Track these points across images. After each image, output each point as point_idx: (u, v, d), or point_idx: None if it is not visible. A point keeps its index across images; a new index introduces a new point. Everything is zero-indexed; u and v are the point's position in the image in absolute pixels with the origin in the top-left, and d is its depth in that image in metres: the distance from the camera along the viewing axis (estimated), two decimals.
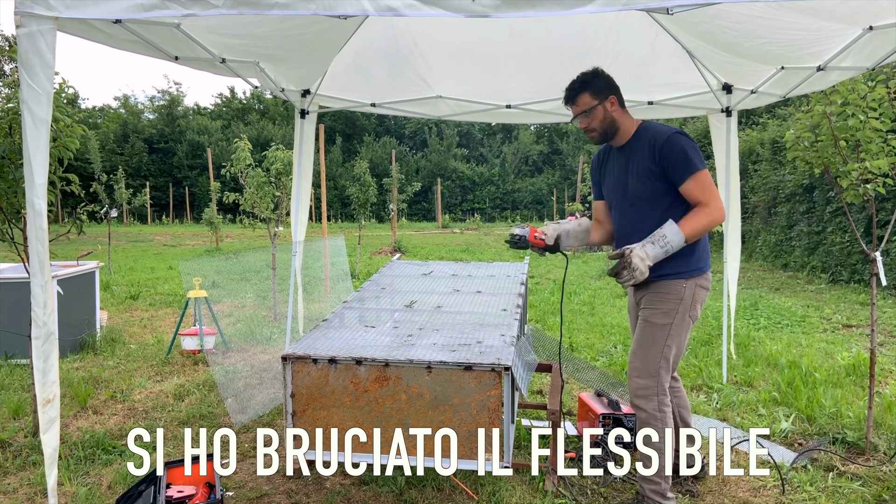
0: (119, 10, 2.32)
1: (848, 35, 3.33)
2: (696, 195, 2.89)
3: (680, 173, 2.89)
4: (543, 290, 10.35)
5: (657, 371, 3.02)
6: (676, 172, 2.90)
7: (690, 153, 2.89)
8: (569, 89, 3.15)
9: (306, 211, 5.23)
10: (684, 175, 2.88)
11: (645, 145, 3.00)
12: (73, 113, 4.15)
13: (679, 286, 2.98)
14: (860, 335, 6.97)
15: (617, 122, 3.11)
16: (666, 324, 3.01)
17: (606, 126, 3.11)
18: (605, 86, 3.09)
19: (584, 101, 3.10)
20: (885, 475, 3.52)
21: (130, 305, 9.05)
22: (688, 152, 2.89)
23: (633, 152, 3.06)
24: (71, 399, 4.74)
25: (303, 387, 2.83)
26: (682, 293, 2.99)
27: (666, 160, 2.91)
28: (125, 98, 49.96)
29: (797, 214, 12.80)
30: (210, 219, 18.22)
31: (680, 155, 2.89)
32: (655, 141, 2.95)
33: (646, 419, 3.04)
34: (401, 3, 2.18)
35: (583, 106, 3.11)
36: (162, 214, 39.00)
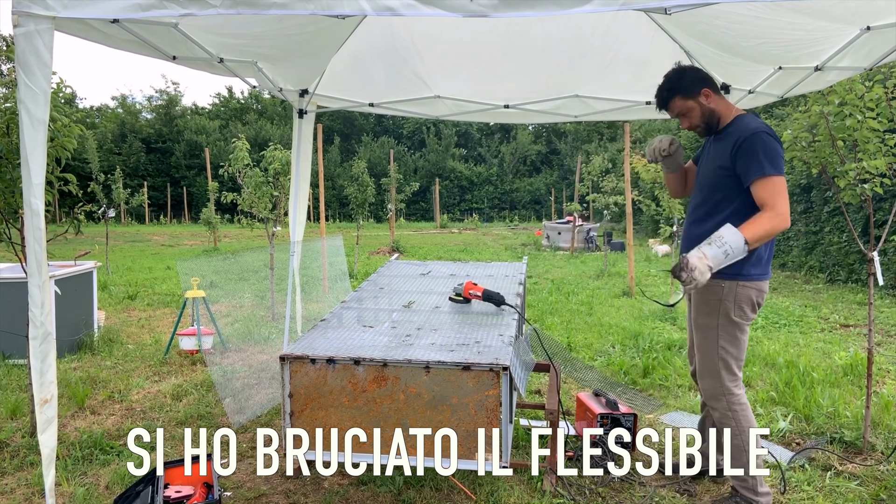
0: (116, 9, 2.32)
1: (846, 35, 3.33)
2: (763, 197, 2.82)
3: (750, 172, 2.84)
4: (542, 289, 10.35)
5: (717, 372, 3.04)
6: (746, 171, 2.86)
7: (765, 155, 2.82)
8: (658, 97, 3.14)
9: (304, 211, 5.22)
10: (753, 175, 2.83)
11: (731, 138, 2.96)
12: (71, 113, 4.14)
13: (717, 286, 2.96)
14: (857, 335, 6.99)
15: (716, 111, 3.08)
16: (712, 325, 3.03)
17: (707, 119, 3.09)
18: (694, 81, 3.07)
19: (677, 105, 3.10)
20: (882, 474, 3.53)
21: (128, 305, 9.04)
22: (762, 153, 2.83)
23: (721, 141, 3.04)
24: (69, 399, 4.74)
25: (301, 387, 2.82)
26: (721, 293, 2.98)
27: (741, 156, 2.87)
28: (123, 98, 49.91)
29: (795, 214, 12.82)
30: (208, 219, 18.19)
31: (754, 154, 2.84)
32: (739, 136, 2.91)
33: (719, 419, 3.10)
34: (399, 3, 2.17)
35: (677, 109, 3.10)
36: (160, 214, 38.96)
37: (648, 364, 5.56)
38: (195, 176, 40.58)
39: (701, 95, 3.06)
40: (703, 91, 3.05)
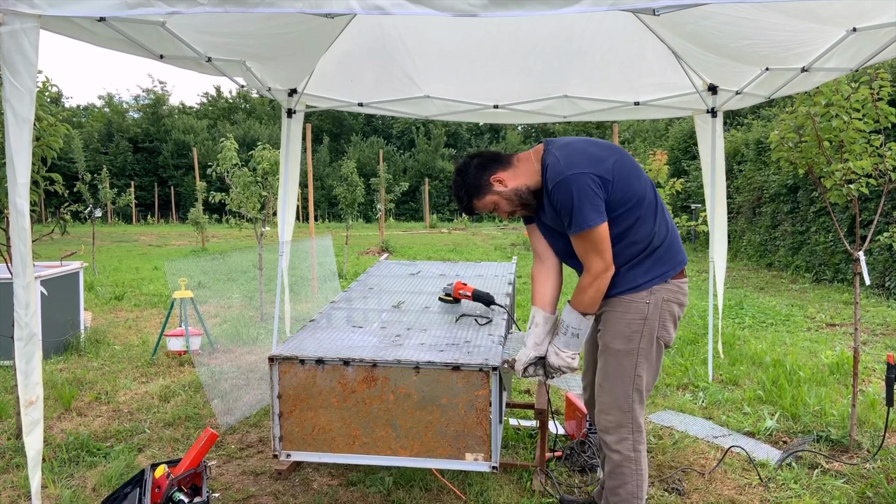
0: (103, 7, 2.30)
1: (832, 36, 3.35)
2: (578, 255, 2.56)
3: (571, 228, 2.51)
4: (530, 289, 10.37)
5: (630, 406, 2.63)
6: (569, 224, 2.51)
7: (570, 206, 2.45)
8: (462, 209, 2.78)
9: (293, 211, 5.21)
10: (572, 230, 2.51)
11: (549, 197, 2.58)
12: (57, 112, 4.11)
13: (641, 303, 2.59)
14: (843, 334, 7.05)
15: (521, 187, 2.64)
16: (631, 349, 2.61)
17: (521, 201, 2.66)
18: (476, 178, 2.67)
19: (481, 206, 2.72)
20: (868, 472, 3.56)
21: (115, 306, 8.97)
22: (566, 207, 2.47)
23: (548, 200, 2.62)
24: (55, 401, 4.69)
25: (290, 388, 2.81)
26: (646, 311, 2.59)
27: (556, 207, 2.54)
28: (109, 97, 49.69)
29: (781, 214, 12.92)
30: (196, 219, 18.10)
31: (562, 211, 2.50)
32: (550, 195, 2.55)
33: (619, 462, 2.64)
34: (388, 2, 2.16)
35: (485, 209, 2.73)
36: (147, 214, 38.71)
37: None
38: (183, 176, 40.35)
39: (494, 185, 2.65)
40: (492, 179, 2.65)
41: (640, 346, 2.61)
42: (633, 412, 2.63)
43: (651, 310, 2.59)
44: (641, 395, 2.65)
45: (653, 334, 2.61)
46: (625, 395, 2.63)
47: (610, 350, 2.65)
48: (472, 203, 2.72)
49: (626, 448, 2.64)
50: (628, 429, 2.64)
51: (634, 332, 2.60)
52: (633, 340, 2.61)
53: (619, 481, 2.66)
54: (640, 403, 2.65)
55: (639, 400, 2.64)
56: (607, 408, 2.67)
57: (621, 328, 2.62)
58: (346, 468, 3.57)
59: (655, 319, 2.60)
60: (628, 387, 2.62)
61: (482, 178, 2.67)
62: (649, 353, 2.62)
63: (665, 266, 2.62)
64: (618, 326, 2.63)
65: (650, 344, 2.61)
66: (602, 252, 2.48)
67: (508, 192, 2.66)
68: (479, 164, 2.69)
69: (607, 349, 2.66)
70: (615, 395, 2.64)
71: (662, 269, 2.62)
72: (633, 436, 2.64)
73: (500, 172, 2.67)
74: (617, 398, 2.64)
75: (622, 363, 2.63)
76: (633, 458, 2.64)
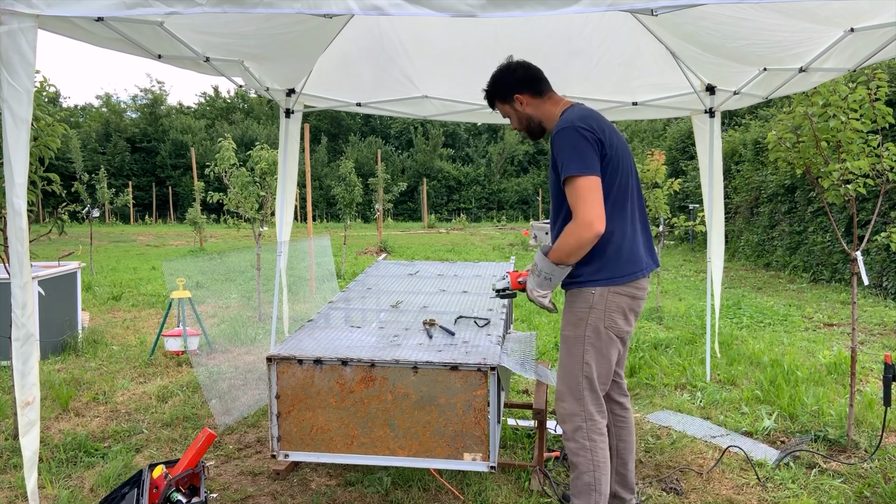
0: (101, 7, 2.29)
1: (830, 37, 3.36)
2: (569, 203, 2.56)
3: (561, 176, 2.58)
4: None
5: (581, 393, 2.66)
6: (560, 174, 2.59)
7: (565, 153, 2.55)
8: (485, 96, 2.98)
9: (291, 211, 5.20)
10: (561, 176, 2.57)
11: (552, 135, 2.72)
12: (55, 112, 4.11)
13: (587, 293, 2.64)
14: (841, 334, 7.06)
15: (534, 116, 2.87)
16: (577, 335, 2.66)
17: (527, 125, 2.91)
18: (507, 86, 2.87)
19: (499, 108, 2.95)
20: (866, 472, 3.56)
21: (113, 306, 8.96)
22: (562, 153, 2.56)
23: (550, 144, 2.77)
24: (52, 401, 4.69)
25: (288, 388, 2.81)
26: (592, 300, 2.63)
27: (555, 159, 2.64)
28: (107, 97, 49.48)
29: (779, 214, 12.94)
30: (194, 219, 18.08)
31: (559, 155, 2.59)
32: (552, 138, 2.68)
33: (575, 451, 2.68)
34: (386, 3, 2.16)
35: (500, 112, 2.96)
36: (145, 214, 38.66)
37: (635, 363, 5.58)
38: (181, 176, 40.32)
39: (515, 101, 2.86)
40: (516, 97, 2.85)
41: (585, 334, 2.66)
42: (584, 400, 2.67)
43: (596, 299, 2.64)
44: (592, 384, 2.68)
45: (598, 323, 2.65)
46: (575, 383, 2.68)
47: (562, 337, 2.75)
48: (494, 101, 2.94)
49: (580, 437, 2.67)
50: (581, 417, 2.67)
51: (580, 320, 2.67)
52: (580, 328, 2.67)
53: (577, 471, 2.70)
54: (590, 391, 2.68)
55: (589, 387, 2.67)
56: (561, 395, 2.73)
57: (570, 316, 2.70)
58: (344, 468, 3.57)
59: (601, 309, 2.64)
60: (578, 374, 2.68)
61: (511, 89, 2.86)
62: (596, 341, 2.66)
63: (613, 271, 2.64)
64: (568, 315, 2.72)
65: (595, 332, 2.65)
66: (590, 202, 2.47)
67: (522, 113, 2.88)
68: (514, 77, 2.86)
69: (561, 337, 2.76)
70: (567, 381, 2.71)
71: (609, 274, 2.64)
72: (585, 424, 2.67)
73: (526, 95, 2.85)
74: (569, 385, 2.70)
75: (571, 350, 2.70)
76: (587, 447, 2.66)
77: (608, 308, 2.64)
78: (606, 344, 2.67)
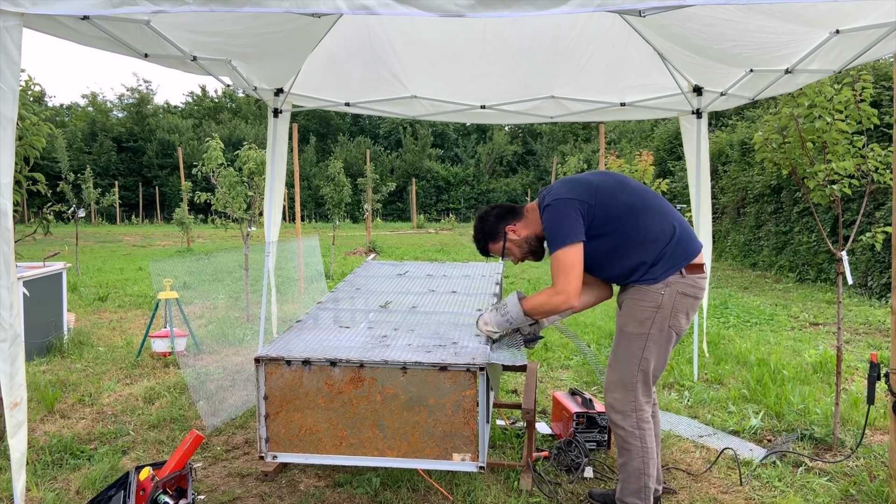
0: (87, 6, 2.28)
1: (815, 38, 3.39)
2: (551, 272, 2.76)
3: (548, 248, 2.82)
4: (518, 289, 10.39)
5: (634, 385, 2.81)
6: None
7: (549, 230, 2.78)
8: (479, 249, 3.14)
9: (279, 211, 5.18)
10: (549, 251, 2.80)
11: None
12: (40, 111, 4.08)
13: (656, 293, 2.77)
14: (827, 333, 7.12)
15: (530, 235, 3.01)
16: (642, 333, 2.79)
17: (528, 246, 3.03)
18: (494, 226, 3.03)
19: (494, 249, 3.08)
20: (851, 470, 3.60)
21: (99, 307, 8.89)
22: (547, 231, 2.80)
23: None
24: (38, 403, 4.64)
25: (276, 389, 2.80)
26: (660, 300, 2.76)
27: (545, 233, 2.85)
28: (93, 96, 49.11)
29: (765, 215, 13.04)
30: (181, 219, 17.96)
31: (546, 231, 2.82)
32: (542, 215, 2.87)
33: (625, 437, 2.84)
34: (375, 2, 2.16)
35: (497, 252, 3.08)
36: (131, 214, 38.41)
37: None
38: (168, 175, 40.07)
39: (508, 234, 3.01)
40: (507, 229, 3.01)
41: (650, 332, 2.79)
42: (636, 391, 2.82)
43: (665, 300, 2.77)
44: (646, 378, 2.82)
45: (664, 322, 2.78)
46: (630, 375, 2.82)
47: (623, 333, 2.85)
48: (488, 245, 3.08)
49: (630, 425, 2.82)
50: (631, 406, 2.82)
51: (647, 318, 2.78)
52: (645, 325, 2.79)
53: (627, 457, 2.85)
54: (643, 384, 2.82)
55: (643, 380, 2.82)
56: (612, 386, 2.86)
57: (636, 313, 2.80)
58: (333, 469, 3.56)
59: (668, 309, 2.77)
60: (634, 367, 2.81)
61: (498, 226, 3.04)
62: (659, 339, 2.79)
63: (678, 258, 2.79)
64: (633, 311, 2.81)
65: (660, 331, 2.79)
66: (567, 275, 2.69)
67: (519, 240, 3.02)
68: (497, 215, 3.06)
69: (621, 332, 2.86)
70: (621, 373, 2.84)
71: (675, 262, 2.79)
72: (635, 413, 2.82)
73: (513, 223, 3.02)
74: (622, 377, 2.83)
75: (631, 345, 2.82)
76: (636, 434, 2.81)
77: (675, 308, 2.78)
78: (667, 341, 2.82)
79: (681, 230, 2.84)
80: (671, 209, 2.91)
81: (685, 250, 2.81)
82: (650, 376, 2.84)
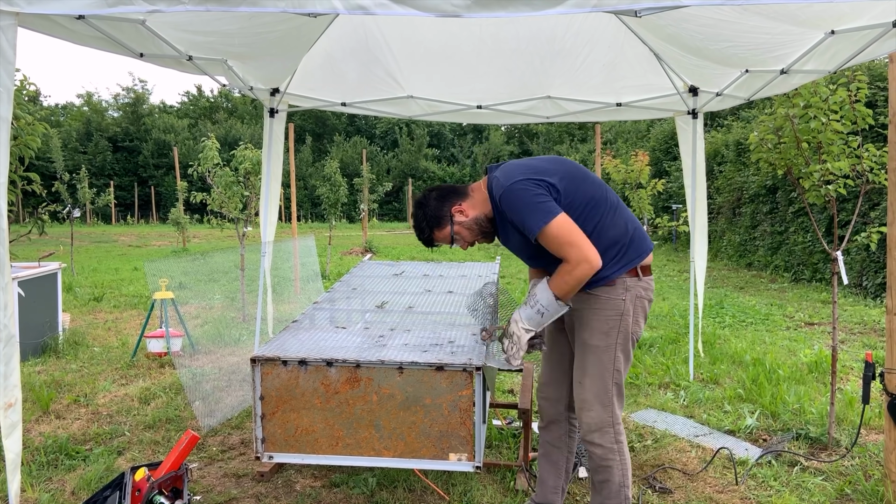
0: (82, 5, 2.27)
1: (810, 39, 3.40)
2: (552, 251, 2.51)
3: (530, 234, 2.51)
4: (514, 289, 10.39)
5: (610, 399, 2.66)
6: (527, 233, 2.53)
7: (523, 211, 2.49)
8: (422, 241, 2.79)
9: (276, 211, 5.18)
10: (532, 235, 2.50)
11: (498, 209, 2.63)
12: (35, 111, 4.07)
13: (617, 300, 2.62)
14: (822, 332, 7.14)
15: (479, 215, 2.69)
16: (609, 345, 2.64)
17: (479, 228, 2.71)
18: (437, 208, 2.70)
19: (441, 236, 2.74)
20: (846, 469, 3.61)
21: (94, 307, 8.86)
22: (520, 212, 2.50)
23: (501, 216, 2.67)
24: (33, 403, 4.63)
25: (272, 389, 2.80)
26: (622, 307, 2.62)
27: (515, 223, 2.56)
28: (88, 95, 48.95)
29: (761, 215, 13.07)
30: (177, 219, 17.93)
31: (518, 216, 2.52)
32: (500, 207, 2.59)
33: (602, 455, 2.68)
34: (371, 2, 2.16)
35: (445, 240, 2.75)
36: (127, 214, 38.28)
37: None
38: (163, 175, 39.97)
39: (455, 216, 2.70)
40: (453, 210, 2.69)
41: (617, 342, 2.65)
42: (612, 406, 2.67)
43: (627, 305, 2.64)
44: (620, 390, 2.69)
45: (628, 329, 2.65)
46: (605, 390, 2.66)
47: (588, 346, 2.68)
48: (433, 233, 2.74)
49: (608, 441, 2.67)
50: (609, 422, 2.67)
51: (612, 328, 2.64)
52: (611, 336, 2.64)
53: (606, 475, 2.70)
54: (618, 396, 2.69)
55: (618, 394, 2.68)
56: (587, 405, 2.68)
57: (599, 324, 2.65)
58: (329, 469, 3.56)
59: (630, 314, 2.65)
60: (608, 382, 2.66)
61: (442, 208, 2.70)
62: (626, 347, 2.67)
63: (631, 258, 2.65)
64: (595, 323, 2.65)
65: (626, 339, 2.66)
66: (574, 243, 2.45)
67: (469, 221, 2.70)
68: (438, 196, 2.73)
69: (585, 346, 2.68)
70: (596, 391, 2.66)
71: (628, 261, 2.64)
72: (613, 428, 2.68)
73: (459, 203, 2.71)
74: (598, 394, 2.66)
75: (601, 358, 2.66)
76: (615, 449, 2.68)
77: (635, 313, 2.66)
78: (631, 348, 2.71)
79: (634, 229, 2.70)
80: (624, 206, 2.76)
81: (638, 249, 2.66)
82: (623, 387, 2.69)
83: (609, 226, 2.63)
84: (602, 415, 2.66)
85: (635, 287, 2.64)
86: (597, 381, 2.66)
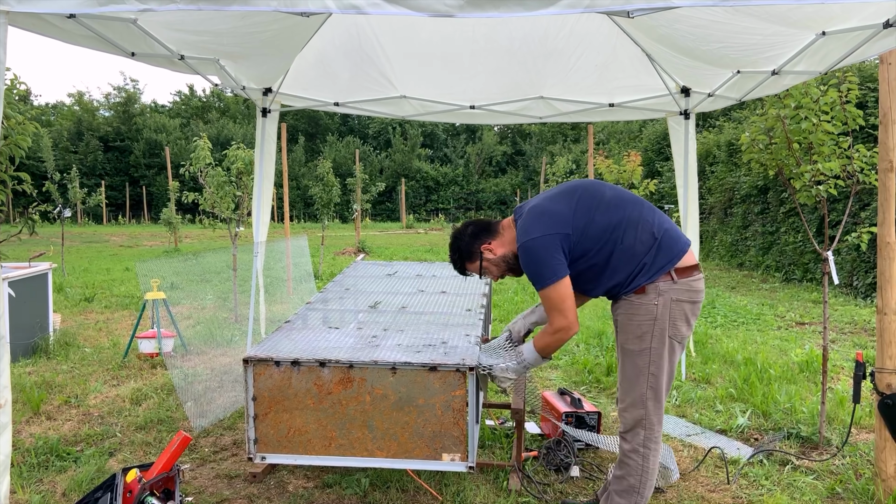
0: (73, 4, 2.25)
1: (801, 40, 3.41)
2: (545, 309, 2.75)
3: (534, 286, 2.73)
4: (507, 289, 10.40)
5: (644, 402, 2.73)
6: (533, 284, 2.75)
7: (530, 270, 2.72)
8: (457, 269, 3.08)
9: (268, 211, 5.16)
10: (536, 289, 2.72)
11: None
12: (26, 110, 4.04)
13: (650, 305, 2.68)
14: (813, 332, 7.18)
15: (507, 254, 2.90)
16: (643, 349, 2.71)
17: (506, 266, 2.93)
18: (469, 245, 2.95)
19: (472, 269, 2.99)
20: (837, 468, 3.63)
21: (85, 308, 8.82)
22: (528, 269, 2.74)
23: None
24: (23, 404, 4.60)
25: (265, 389, 2.79)
26: (655, 312, 2.68)
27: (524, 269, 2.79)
28: (79, 95, 48.58)
29: (752, 215, 13.13)
30: (168, 219, 17.83)
31: (526, 271, 2.76)
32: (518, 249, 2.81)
33: (627, 452, 2.78)
34: (364, 2, 2.15)
35: (475, 272, 2.99)
36: (118, 214, 38.08)
37: (612, 362, 5.63)
38: (155, 175, 39.78)
39: (484, 253, 2.92)
40: (483, 248, 2.92)
41: (651, 346, 2.71)
42: (647, 409, 2.74)
43: (660, 311, 2.68)
44: (656, 393, 2.74)
45: (664, 334, 2.70)
46: (639, 393, 2.74)
47: (625, 350, 2.78)
48: (465, 265, 3.02)
49: (636, 442, 2.76)
50: (642, 424, 2.75)
51: (645, 333, 2.71)
52: (645, 340, 2.71)
53: (624, 471, 2.79)
54: (654, 401, 2.74)
55: (653, 398, 2.74)
56: (626, 406, 2.79)
57: (633, 329, 2.73)
58: (322, 470, 3.55)
59: (665, 319, 2.69)
60: (643, 385, 2.73)
61: (473, 245, 2.94)
62: (662, 351, 2.71)
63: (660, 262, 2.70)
64: (630, 327, 2.74)
65: (661, 343, 2.71)
66: (562, 310, 2.65)
67: (496, 258, 2.92)
68: (472, 233, 2.97)
69: (623, 350, 2.79)
70: (632, 393, 2.76)
71: (657, 266, 2.70)
72: (644, 431, 2.75)
73: (489, 242, 2.93)
74: (633, 396, 2.76)
75: (636, 362, 2.74)
76: (640, 452, 2.75)
77: (672, 317, 2.69)
78: (671, 352, 2.73)
79: (662, 233, 2.74)
80: (650, 213, 2.78)
81: (668, 254, 2.71)
82: (661, 391, 2.74)
83: (628, 246, 2.70)
84: (634, 415, 2.75)
85: (669, 291, 2.68)
86: (633, 383, 2.76)
